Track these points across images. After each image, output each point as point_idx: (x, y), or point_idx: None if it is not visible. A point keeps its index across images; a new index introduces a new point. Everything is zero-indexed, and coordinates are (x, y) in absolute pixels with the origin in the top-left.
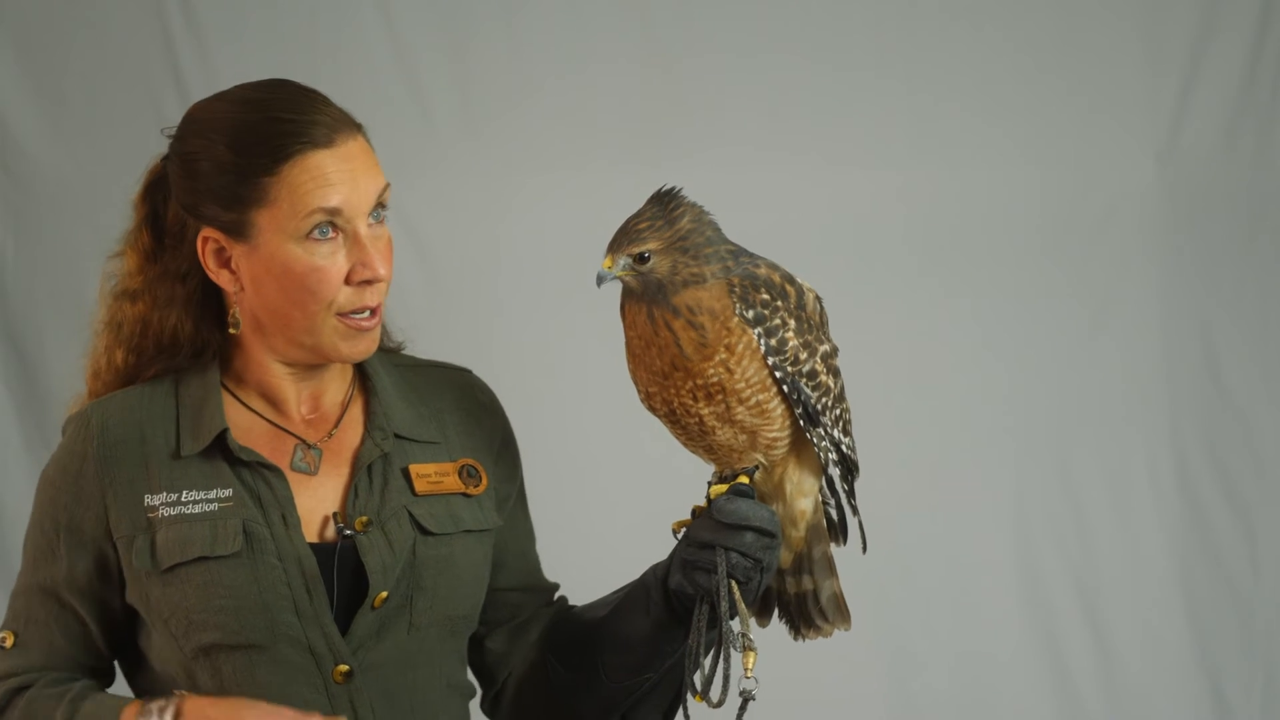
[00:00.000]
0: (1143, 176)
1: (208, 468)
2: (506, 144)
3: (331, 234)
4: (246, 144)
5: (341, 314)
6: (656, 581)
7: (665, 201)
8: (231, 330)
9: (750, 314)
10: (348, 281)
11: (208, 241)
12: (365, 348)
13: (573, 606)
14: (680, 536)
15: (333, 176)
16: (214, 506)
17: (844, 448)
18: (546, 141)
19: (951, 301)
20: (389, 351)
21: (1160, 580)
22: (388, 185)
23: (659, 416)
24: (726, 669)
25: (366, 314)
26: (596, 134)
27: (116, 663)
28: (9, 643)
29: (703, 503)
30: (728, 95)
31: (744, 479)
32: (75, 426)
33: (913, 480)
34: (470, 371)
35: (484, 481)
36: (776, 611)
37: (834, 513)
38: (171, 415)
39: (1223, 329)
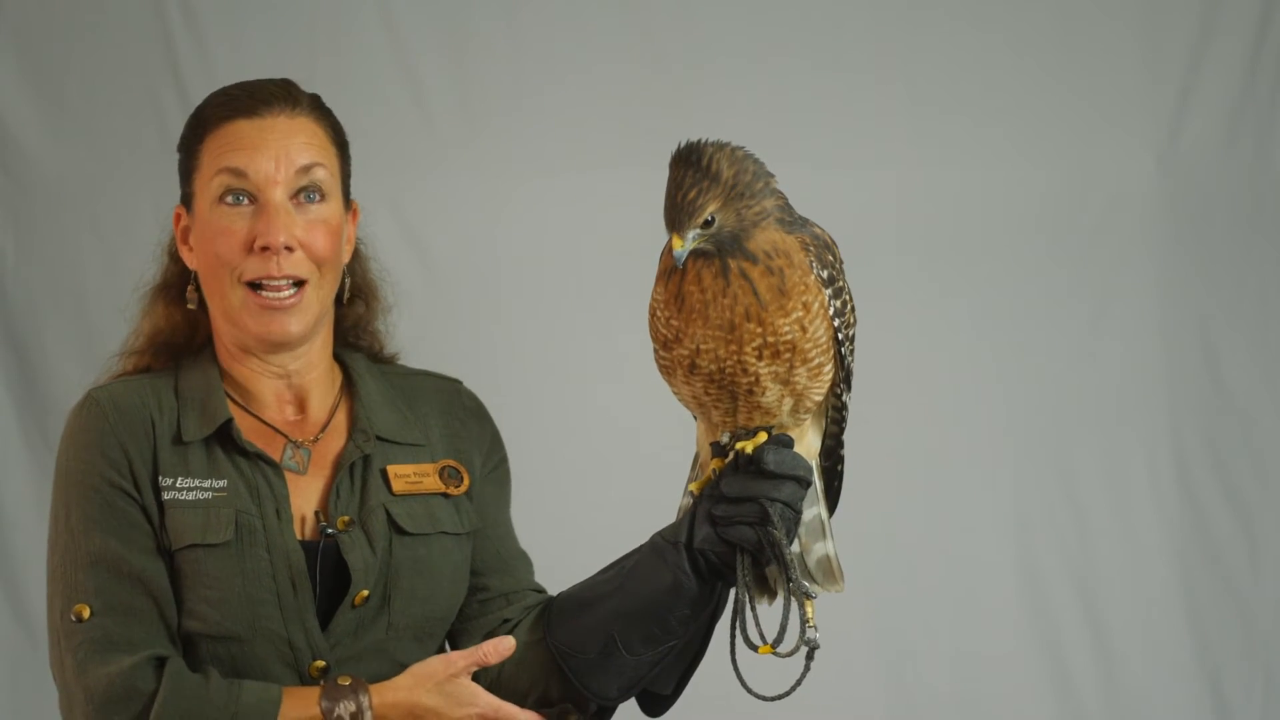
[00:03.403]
0: (1143, 176)
1: (206, 458)
2: (506, 144)
3: (246, 202)
4: (194, 118)
5: (250, 286)
6: (671, 545)
7: (695, 159)
8: (190, 305)
9: (825, 274)
10: (251, 249)
11: (179, 219)
12: (281, 328)
13: (562, 594)
14: (701, 495)
15: (244, 141)
16: (208, 495)
17: (846, 410)
18: (546, 142)
19: (951, 301)
20: (382, 361)
21: (1160, 580)
22: (318, 165)
23: (691, 375)
24: (802, 616)
25: (283, 292)
26: (596, 135)
27: None
28: (86, 614)
29: (714, 464)
30: (727, 96)
31: (764, 435)
32: (83, 408)
33: (912, 480)
34: (460, 382)
35: (465, 482)
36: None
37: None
38: (172, 405)
39: (1223, 329)
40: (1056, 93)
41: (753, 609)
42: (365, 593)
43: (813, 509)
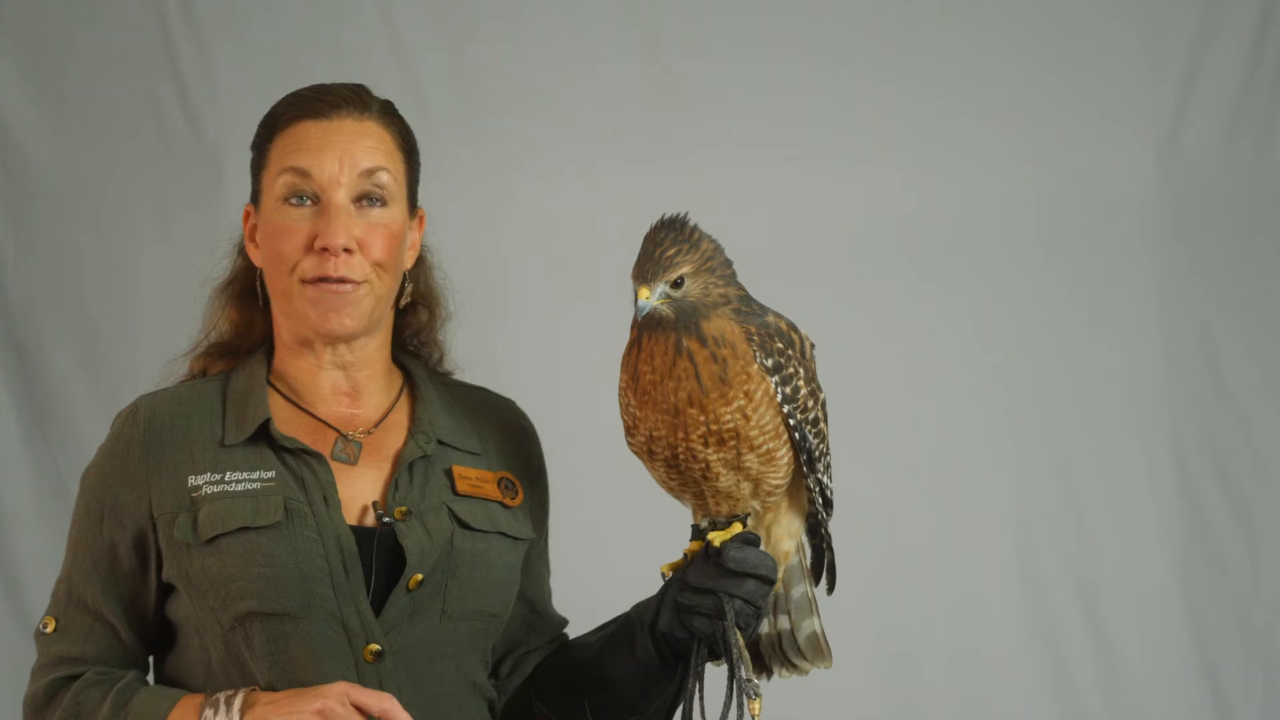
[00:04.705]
0: (1143, 176)
1: (252, 453)
2: (506, 144)
3: (309, 203)
4: (266, 119)
5: (308, 281)
6: (642, 624)
7: (680, 226)
8: (259, 303)
9: (769, 362)
10: (310, 249)
11: (248, 217)
12: (338, 321)
13: (566, 643)
14: (671, 579)
15: (310, 142)
16: (256, 485)
17: (828, 491)
18: (546, 141)
19: (951, 301)
20: (438, 373)
21: (1160, 580)
22: (382, 170)
23: (652, 460)
24: (740, 715)
25: (340, 285)
26: (596, 134)
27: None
28: (50, 628)
29: (690, 546)
30: (728, 96)
31: (738, 526)
32: (124, 415)
33: (913, 480)
34: (514, 402)
35: (520, 496)
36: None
37: (810, 553)
38: (218, 409)
39: (1223, 329)
40: (1056, 93)
41: (700, 698)
42: (419, 576)
43: (799, 587)
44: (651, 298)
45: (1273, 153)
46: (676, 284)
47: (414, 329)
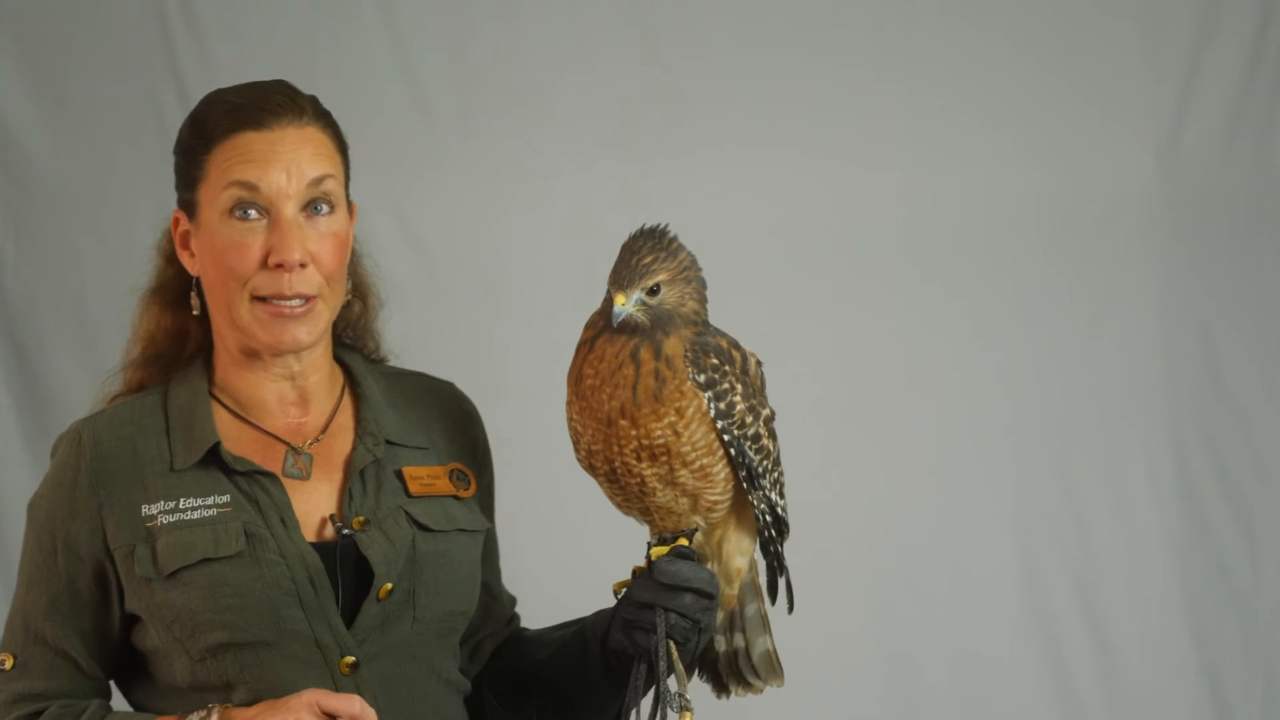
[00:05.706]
0: (1143, 176)
1: (204, 477)
2: (506, 144)
3: (256, 216)
4: (197, 126)
5: (260, 299)
6: (595, 638)
7: (658, 235)
8: (194, 312)
9: (702, 378)
10: (264, 265)
11: (178, 223)
12: (291, 338)
13: (522, 634)
14: (621, 596)
15: (254, 154)
16: (213, 512)
17: (779, 509)
18: (546, 141)
19: (951, 302)
20: (374, 362)
21: (1160, 580)
22: (329, 177)
23: (595, 474)
24: None
25: (294, 301)
26: (596, 134)
27: (112, 682)
28: (8, 665)
29: (643, 563)
30: (727, 96)
31: (684, 541)
32: (66, 444)
33: (913, 480)
34: (454, 384)
35: (473, 486)
36: (699, 670)
37: (766, 572)
38: (162, 428)
39: (1223, 329)
40: (1056, 93)
41: (637, 711)
42: (389, 585)
43: (753, 604)
44: (627, 304)
45: (1273, 153)
46: (653, 291)
47: (348, 321)
